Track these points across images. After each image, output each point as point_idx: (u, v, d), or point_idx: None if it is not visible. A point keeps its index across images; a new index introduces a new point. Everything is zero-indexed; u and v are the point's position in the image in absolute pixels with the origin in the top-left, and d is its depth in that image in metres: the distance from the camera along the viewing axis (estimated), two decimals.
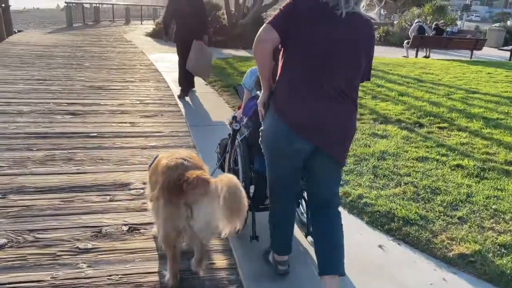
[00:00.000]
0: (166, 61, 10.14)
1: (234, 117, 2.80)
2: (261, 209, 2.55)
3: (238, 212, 1.74)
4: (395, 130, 5.03)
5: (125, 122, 5.10)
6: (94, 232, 2.70)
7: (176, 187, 1.92)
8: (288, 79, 1.94)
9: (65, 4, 20.52)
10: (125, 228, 2.77)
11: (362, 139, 4.64)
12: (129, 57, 10.66)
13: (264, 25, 1.88)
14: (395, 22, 39.27)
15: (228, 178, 1.79)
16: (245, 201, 1.76)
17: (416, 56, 14.14)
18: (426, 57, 14.08)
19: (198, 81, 7.08)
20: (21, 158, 3.79)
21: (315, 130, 1.92)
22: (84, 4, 22.30)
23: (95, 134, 4.58)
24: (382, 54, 14.80)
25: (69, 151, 4.05)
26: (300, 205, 2.81)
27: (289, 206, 2.28)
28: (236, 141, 2.63)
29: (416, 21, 14.29)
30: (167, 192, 1.95)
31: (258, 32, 1.87)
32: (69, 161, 3.81)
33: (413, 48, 14.04)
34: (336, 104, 1.90)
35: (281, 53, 1.97)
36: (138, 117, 5.34)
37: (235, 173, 2.63)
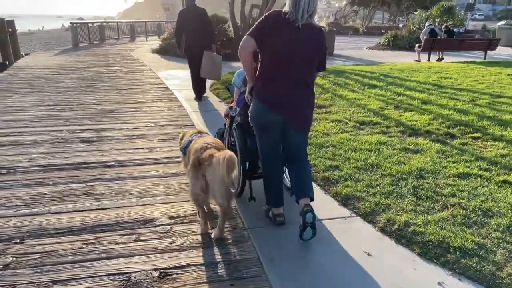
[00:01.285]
0: (176, 78, 9.98)
1: (230, 108, 3.57)
2: (254, 177, 3.34)
3: (233, 167, 2.56)
4: (427, 143, 4.75)
5: (142, 148, 4.87)
6: (122, 280, 2.45)
7: (198, 163, 2.75)
8: (262, 73, 2.80)
9: (70, 25, 20.59)
10: (155, 273, 2.52)
11: (394, 155, 4.36)
12: (138, 76, 10.51)
13: (245, 36, 2.72)
14: (400, 25, 39.14)
15: (225, 151, 2.70)
16: (236, 161, 2.58)
17: (429, 59, 13.86)
18: (439, 60, 13.78)
19: (213, 98, 6.87)
20: (37, 194, 3.57)
21: (282, 108, 2.77)
22: (89, 24, 22.37)
23: (113, 163, 4.36)
24: (393, 59, 14.56)
25: (87, 184, 3.82)
26: (284, 174, 3.45)
27: (276, 168, 3.10)
28: (233, 126, 3.40)
29: (427, 24, 14.03)
30: (193, 167, 2.80)
31: (242, 41, 2.72)
32: (88, 195, 3.58)
33: (425, 51, 13.76)
34: (297, 89, 2.75)
35: (259, 55, 2.81)
36: (154, 142, 5.11)
37: (233, 151, 3.12)
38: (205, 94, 7.71)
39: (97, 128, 5.63)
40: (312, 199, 2.86)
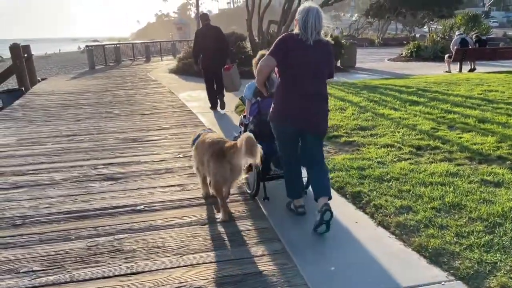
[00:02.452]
0: (197, 99, 9.46)
1: (244, 117, 3.99)
2: (267, 178, 3.73)
3: (255, 148, 2.99)
4: (506, 173, 4.05)
5: (173, 185, 4.28)
6: None
7: (221, 152, 3.22)
8: (282, 87, 3.17)
9: (86, 48, 20.46)
10: None
11: (474, 190, 3.67)
12: (158, 98, 10.02)
13: (267, 55, 3.08)
14: (417, 35, 38.41)
15: (244, 134, 3.11)
16: (255, 142, 3.01)
17: (460, 70, 13.14)
18: (471, 70, 13.05)
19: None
20: (58, 254, 2.98)
21: (299, 120, 3.10)
22: (105, 46, 22.24)
23: (142, 206, 3.77)
24: (420, 71, 13.87)
25: (115, 236, 3.22)
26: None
27: (295, 166, 3.40)
28: (248, 131, 3.55)
29: (457, 33, 13.33)
30: (216, 156, 3.22)
31: (264, 59, 3.10)
32: (117, 253, 2.98)
33: (455, 62, 13.05)
34: (313, 99, 3.10)
35: (277, 70, 3.20)
36: (185, 177, 4.52)
37: None
38: (228, 113, 7.96)
39: (121, 162, 5.06)
40: (330, 198, 3.13)
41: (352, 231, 3.17)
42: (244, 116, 3.98)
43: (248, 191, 3.97)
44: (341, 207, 3.58)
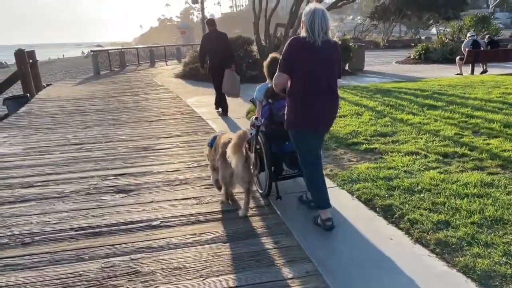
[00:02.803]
0: (206, 105, 9.24)
1: (255, 118, 3.88)
2: (279, 178, 3.75)
3: (240, 144, 3.28)
4: None
5: (189, 198, 4.05)
6: None
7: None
8: (295, 90, 3.16)
9: (91, 53, 20.34)
10: None
11: None
12: (166, 104, 9.82)
13: (277, 72, 3.16)
14: (422, 37, 38.20)
15: (240, 130, 3.40)
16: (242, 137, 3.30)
17: (472, 72, 12.88)
18: (483, 72, 12.79)
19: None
20: (71, 277, 2.76)
21: (318, 120, 3.18)
22: (109, 50, 22.13)
23: (158, 221, 3.54)
24: (431, 74, 13.61)
25: (132, 256, 3.00)
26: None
27: (321, 171, 3.35)
28: (259, 134, 3.77)
29: (469, 35, 13.07)
30: (222, 156, 3.46)
31: (276, 77, 3.19)
32: (134, 276, 2.75)
33: (467, 63, 12.79)
34: (326, 98, 3.13)
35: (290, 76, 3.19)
36: (201, 188, 4.29)
37: (258, 154, 3.88)
38: (239, 118, 7.87)
39: (132, 172, 4.84)
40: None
41: (387, 249, 2.93)
42: (256, 118, 3.94)
43: (260, 191, 4.01)
44: (371, 222, 3.34)
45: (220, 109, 8.25)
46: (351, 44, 15.97)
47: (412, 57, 19.27)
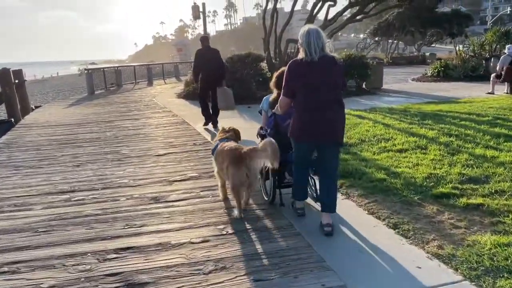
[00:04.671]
0: None
1: (261, 128, 4.22)
2: (282, 186, 4.01)
3: (276, 153, 3.36)
4: None
5: (222, 282, 2.58)
6: None
7: (239, 158, 3.60)
8: (298, 106, 3.42)
9: (85, 71, 18.95)
10: None
11: None
12: (173, 131, 8.36)
13: (281, 97, 3.50)
14: (427, 54, 37.24)
15: (268, 139, 3.51)
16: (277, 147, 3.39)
17: (510, 91, 11.59)
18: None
19: None
20: None
21: (314, 133, 3.36)
22: (105, 68, 20.74)
23: None
24: (458, 93, 12.34)
25: None
26: (313, 186, 3.96)
27: (305, 173, 3.72)
28: None
29: (506, 51, 11.82)
30: (234, 162, 3.63)
31: (280, 101, 3.53)
32: None
33: (506, 82, 11.52)
34: (328, 111, 3.31)
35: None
36: (251, 282, 2.81)
37: None
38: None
39: (142, 246, 3.36)
40: (333, 212, 3.53)
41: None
42: (261, 128, 4.21)
43: (266, 198, 4.19)
44: None
45: (209, 123, 8.55)
46: (368, 61, 14.74)
47: (430, 75, 18.06)
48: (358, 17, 13.85)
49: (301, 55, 3.32)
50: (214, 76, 8.14)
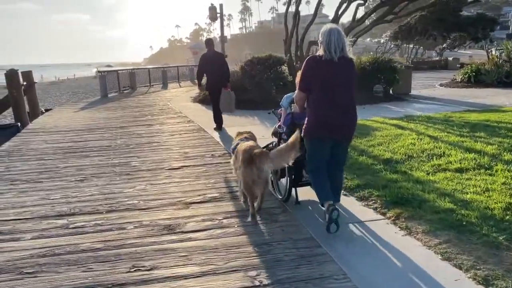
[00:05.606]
0: None
1: (278, 126, 4.26)
2: (299, 184, 4.04)
3: (297, 148, 3.40)
4: None
5: None
6: None
7: (250, 159, 3.61)
8: (313, 103, 3.45)
9: (99, 73, 18.39)
10: None
11: None
12: (188, 140, 7.59)
13: (297, 90, 3.58)
14: (450, 58, 35.98)
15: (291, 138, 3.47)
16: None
17: None
18: None
19: None
20: None
21: (329, 130, 3.41)
22: (119, 71, 20.18)
23: None
24: (496, 100, 11.35)
25: None
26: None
27: (323, 172, 3.57)
28: (281, 141, 4.09)
29: None
30: (245, 162, 3.64)
31: (296, 95, 3.64)
32: None
33: None
34: (341, 111, 3.39)
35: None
36: None
37: None
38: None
39: (149, 265, 2.56)
40: (338, 201, 3.63)
41: None
42: (279, 126, 4.24)
43: (279, 197, 4.18)
44: None
45: (219, 127, 8.51)
46: (396, 64, 13.80)
47: (459, 80, 17.02)
48: (387, 18, 12.92)
49: (320, 52, 3.37)
50: (219, 78, 8.20)
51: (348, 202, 4.13)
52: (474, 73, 16.34)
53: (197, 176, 5.24)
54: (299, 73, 3.73)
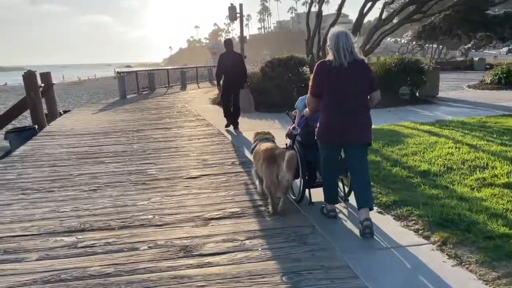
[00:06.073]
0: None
1: (293, 128, 4.34)
2: (313, 186, 4.08)
3: (293, 165, 3.62)
4: None
5: None
6: None
7: (272, 158, 3.78)
8: (325, 107, 3.48)
9: (117, 74, 18.27)
10: None
11: None
12: (208, 146, 7.24)
13: (308, 95, 3.60)
14: (475, 59, 34.83)
15: (289, 151, 3.71)
16: (295, 161, 3.68)
17: None
18: None
19: None
20: None
21: (341, 133, 3.44)
22: (138, 72, 20.06)
23: None
24: None
25: None
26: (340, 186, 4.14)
27: (334, 175, 3.75)
28: (295, 143, 4.18)
29: None
30: (267, 161, 3.81)
31: (308, 100, 3.68)
32: None
33: None
34: (354, 114, 3.39)
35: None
36: None
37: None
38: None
39: None
40: (371, 209, 3.45)
41: None
42: (294, 128, 4.31)
43: (293, 197, 4.25)
44: None
45: (230, 126, 8.70)
46: (423, 65, 13.20)
47: (489, 81, 16.27)
48: (415, 17, 12.35)
49: (329, 57, 3.39)
50: (236, 78, 8.32)
51: (384, 221, 3.70)
52: (505, 75, 15.59)
53: (216, 187, 4.88)
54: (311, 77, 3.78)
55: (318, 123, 3.58)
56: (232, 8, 20.88)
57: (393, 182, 4.55)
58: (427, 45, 36.37)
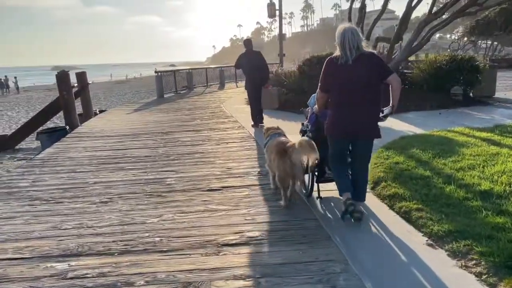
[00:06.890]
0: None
1: (302, 124, 4.46)
2: (322, 180, 4.17)
3: (313, 149, 3.56)
4: None
5: None
6: None
7: (284, 151, 3.83)
8: (333, 103, 3.61)
9: (156, 74, 18.20)
10: None
11: None
12: (235, 152, 6.68)
13: (318, 90, 3.71)
14: None
15: (303, 138, 3.75)
16: (313, 144, 3.60)
17: None
18: None
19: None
20: None
21: (349, 128, 3.55)
22: (176, 71, 19.93)
23: None
24: None
25: None
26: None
27: (344, 168, 3.82)
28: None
29: None
30: (279, 154, 3.88)
31: (317, 96, 3.81)
32: None
33: None
34: (361, 109, 3.47)
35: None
36: None
37: None
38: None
39: None
40: (362, 201, 3.78)
41: None
42: (304, 124, 4.43)
43: (304, 191, 4.37)
44: None
45: (256, 124, 8.69)
46: (478, 63, 11.98)
47: None
48: (470, 9, 11.17)
49: (337, 53, 3.47)
50: (258, 77, 8.34)
51: (437, 259, 2.97)
52: None
53: (237, 204, 4.30)
54: None
55: (327, 120, 3.69)
56: (271, 5, 20.26)
57: (447, 204, 3.77)
58: (479, 41, 33.96)
